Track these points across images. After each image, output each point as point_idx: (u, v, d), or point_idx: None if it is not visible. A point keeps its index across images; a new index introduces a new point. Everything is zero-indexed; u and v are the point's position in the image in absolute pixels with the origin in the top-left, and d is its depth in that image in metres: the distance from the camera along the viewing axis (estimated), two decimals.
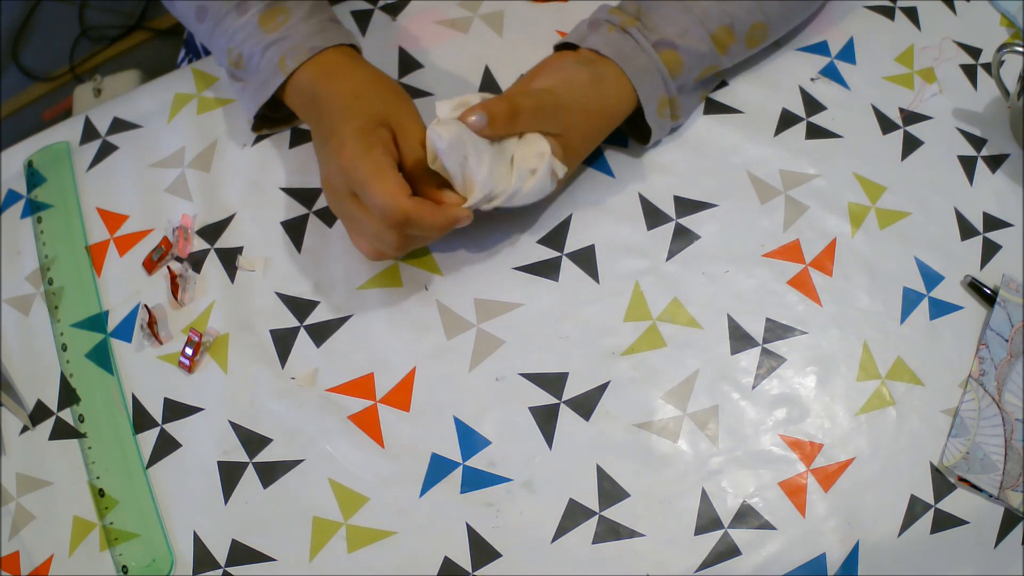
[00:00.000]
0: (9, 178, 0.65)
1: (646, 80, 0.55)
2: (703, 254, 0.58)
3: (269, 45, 0.55)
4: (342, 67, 0.55)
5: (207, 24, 0.58)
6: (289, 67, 0.54)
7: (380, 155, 0.49)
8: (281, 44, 0.55)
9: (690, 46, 0.56)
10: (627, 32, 0.56)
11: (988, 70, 0.65)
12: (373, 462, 0.54)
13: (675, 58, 0.56)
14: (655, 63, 0.55)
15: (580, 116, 0.54)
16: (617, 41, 0.56)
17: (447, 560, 0.52)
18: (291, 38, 0.55)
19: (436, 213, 0.50)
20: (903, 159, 0.62)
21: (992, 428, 0.54)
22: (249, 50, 0.56)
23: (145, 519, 0.53)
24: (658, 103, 0.56)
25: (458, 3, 0.67)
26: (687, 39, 0.56)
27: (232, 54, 0.57)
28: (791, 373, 0.55)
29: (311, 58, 0.54)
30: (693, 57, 0.56)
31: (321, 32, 0.55)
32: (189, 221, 0.61)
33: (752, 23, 0.58)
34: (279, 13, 0.55)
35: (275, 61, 0.55)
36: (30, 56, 1.60)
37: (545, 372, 0.55)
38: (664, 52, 0.56)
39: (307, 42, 0.55)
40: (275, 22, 0.55)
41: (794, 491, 0.52)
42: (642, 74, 0.55)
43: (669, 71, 0.56)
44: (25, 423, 0.57)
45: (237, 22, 0.56)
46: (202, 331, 0.57)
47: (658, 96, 0.56)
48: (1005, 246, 0.59)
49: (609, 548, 0.51)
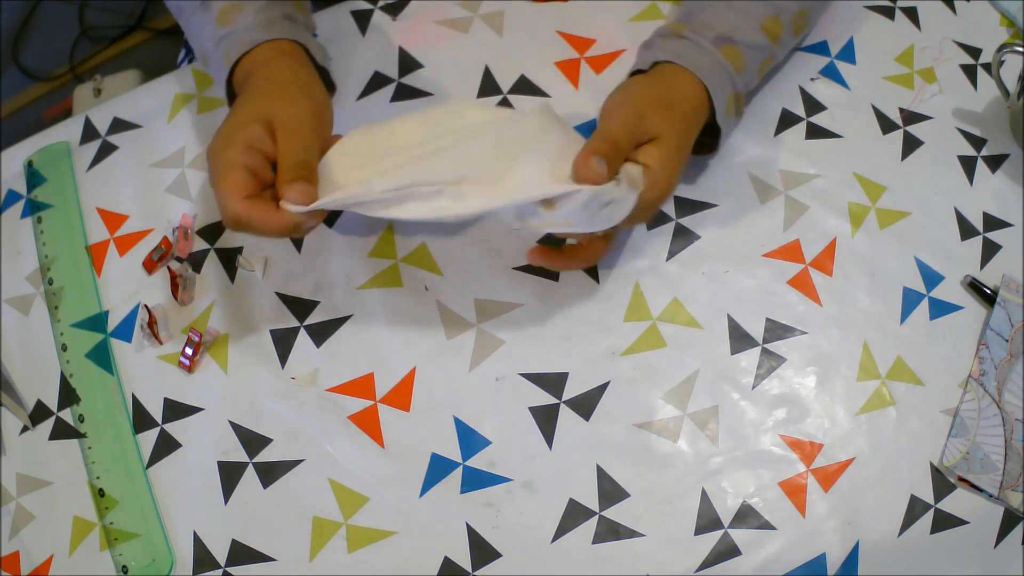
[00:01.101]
0: (9, 178, 0.65)
1: (713, 77, 0.54)
2: (703, 254, 0.58)
3: (221, 39, 0.55)
4: (261, 64, 0.53)
5: (183, 21, 0.58)
6: (232, 58, 0.54)
7: (233, 154, 0.47)
8: (229, 37, 0.54)
9: (746, 39, 0.55)
10: (682, 37, 0.55)
11: (988, 70, 0.65)
12: (373, 462, 0.54)
13: (735, 52, 0.55)
14: (718, 59, 0.54)
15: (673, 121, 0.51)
16: (675, 47, 0.55)
17: (447, 560, 0.52)
18: (237, 32, 0.54)
19: (269, 217, 0.47)
20: (903, 159, 0.62)
21: (992, 428, 0.54)
22: (208, 46, 0.56)
23: (145, 519, 0.53)
24: (727, 101, 0.55)
25: (458, 3, 0.67)
26: (741, 33, 0.55)
27: (198, 51, 0.57)
28: (791, 373, 0.55)
29: (249, 52, 0.53)
30: (751, 50, 0.55)
31: (266, 26, 0.55)
32: (189, 221, 0.61)
33: (795, 11, 0.57)
34: (236, 8, 0.55)
35: (223, 55, 0.55)
36: (30, 56, 1.60)
37: (545, 372, 0.55)
38: (724, 48, 0.54)
39: (248, 34, 0.54)
40: (231, 17, 0.55)
41: (794, 491, 0.52)
42: (709, 72, 0.54)
43: (733, 66, 0.54)
44: (25, 423, 0.57)
45: (202, 19, 0.56)
46: (202, 331, 0.57)
47: (727, 94, 0.55)
48: (1005, 246, 0.59)
49: (609, 548, 0.51)
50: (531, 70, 0.64)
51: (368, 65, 0.65)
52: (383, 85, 0.64)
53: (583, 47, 0.65)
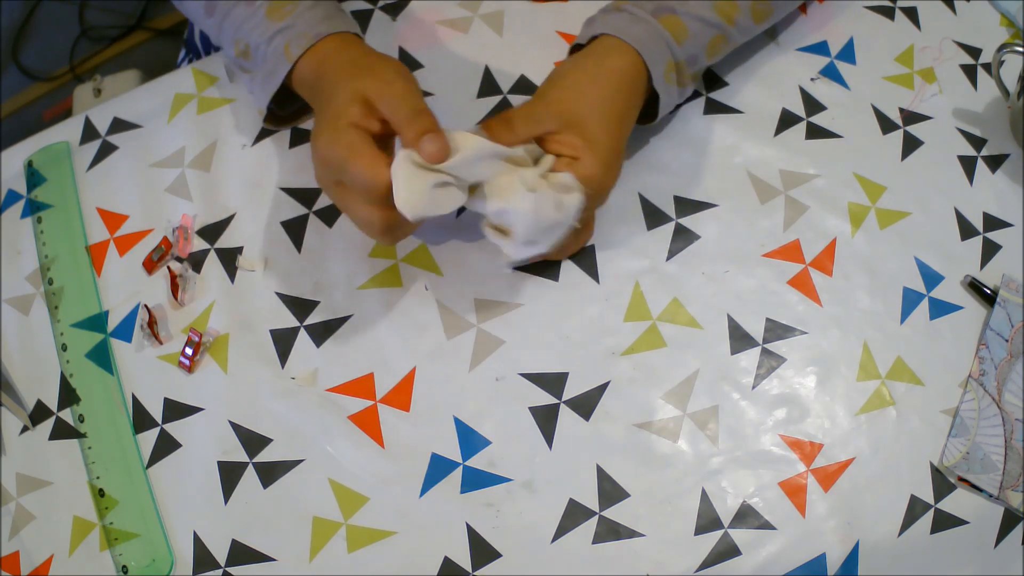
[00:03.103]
0: (9, 178, 0.65)
1: (650, 44, 0.54)
2: (703, 254, 0.58)
3: (275, 34, 0.55)
4: (332, 56, 0.54)
5: (216, 18, 0.58)
6: (294, 54, 0.54)
7: (353, 135, 0.48)
8: (287, 32, 0.55)
9: (691, 12, 0.55)
10: (621, 10, 0.55)
11: (988, 70, 0.65)
12: (373, 462, 0.54)
13: (675, 21, 0.55)
14: (655, 28, 0.54)
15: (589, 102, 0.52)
16: (613, 20, 0.55)
17: (447, 560, 0.52)
18: (296, 25, 0.54)
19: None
20: (903, 159, 0.62)
21: (992, 428, 0.54)
22: (256, 40, 0.56)
23: (145, 519, 0.53)
24: (664, 67, 0.55)
25: (458, 3, 0.67)
26: (686, 6, 0.55)
27: (240, 44, 0.57)
28: (791, 373, 0.55)
29: (313, 46, 0.54)
30: (697, 22, 0.55)
31: (327, 19, 0.55)
32: (189, 221, 0.61)
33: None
34: (287, 2, 0.55)
35: (280, 49, 0.54)
36: (30, 56, 1.60)
37: (545, 372, 0.55)
38: (664, 18, 0.55)
39: (312, 29, 0.54)
40: (282, 11, 0.55)
41: (794, 491, 0.52)
42: (644, 39, 0.54)
43: (673, 36, 0.54)
44: (25, 423, 0.57)
45: (245, 12, 0.56)
46: (202, 331, 0.57)
47: (663, 60, 0.54)
48: (1005, 246, 0.59)
49: (609, 548, 0.51)
50: (531, 70, 0.64)
51: None
52: None
53: None
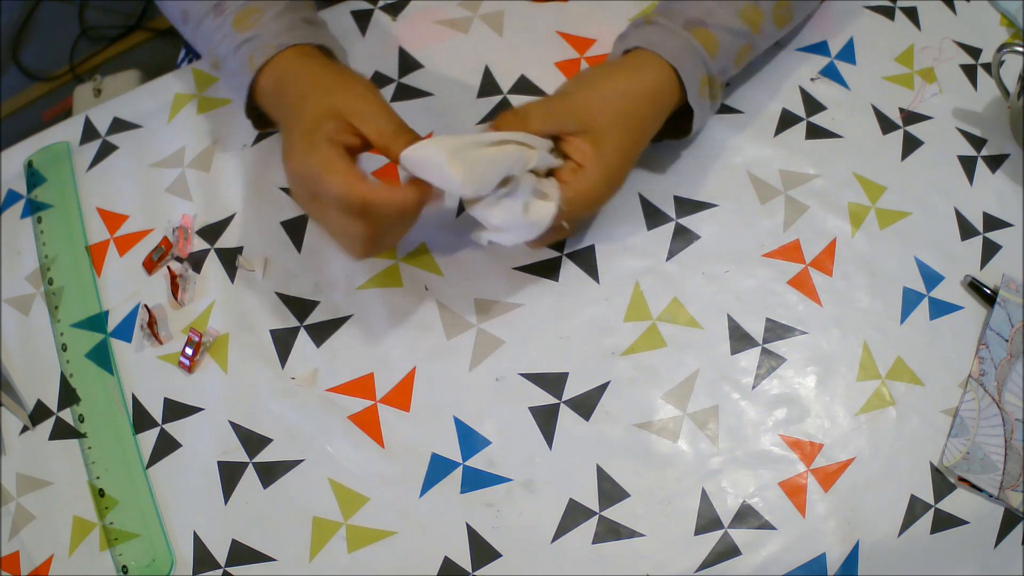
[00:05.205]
0: (9, 178, 0.65)
1: (684, 58, 0.53)
2: (703, 254, 0.58)
3: (241, 44, 0.54)
4: (295, 69, 0.53)
5: (189, 26, 0.58)
6: (256, 63, 0.53)
7: (327, 149, 0.47)
8: (252, 42, 0.54)
9: (721, 23, 0.55)
10: (654, 23, 0.55)
11: (988, 70, 0.65)
12: (373, 462, 0.54)
13: (708, 35, 0.54)
14: (689, 42, 0.54)
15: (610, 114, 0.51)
16: (648, 33, 0.54)
17: (447, 560, 0.52)
18: (261, 36, 0.54)
19: (395, 191, 0.47)
20: (903, 159, 0.62)
21: (992, 428, 0.54)
22: (224, 51, 0.55)
23: (145, 519, 0.53)
24: (699, 82, 0.54)
25: (458, 3, 0.67)
26: (716, 17, 0.55)
27: (211, 56, 0.57)
28: (791, 373, 0.55)
29: (274, 57, 0.53)
30: (728, 34, 0.55)
31: (290, 30, 0.54)
32: (189, 221, 0.61)
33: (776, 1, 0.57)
34: (253, 13, 0.55)
35: (245, 60, 0.54)
36: (30, 56, 1.60)
37: (545, 372, 0.55)
38: (696, 31, 0.54)
39: (275, 39, 0.54)
40: (248, 22, 0.55)
41: (794, 491, 0.52)
42: (679, 53, 0.53)
43: (705, 48, 0.54)
44: (25, 423, 0.57)
45: (214, 23, 0.56)
46: (202, 331, 0.57)
47: (699, 75, 0.54)
48: (1005, 246, 0.59)
49: (609, 548, 0.51)
50: (531, 70, 0.64)
51: (368, 65, 0.65)
52: (383, 85, 0.64)
53: (583, 47, 0.65)
